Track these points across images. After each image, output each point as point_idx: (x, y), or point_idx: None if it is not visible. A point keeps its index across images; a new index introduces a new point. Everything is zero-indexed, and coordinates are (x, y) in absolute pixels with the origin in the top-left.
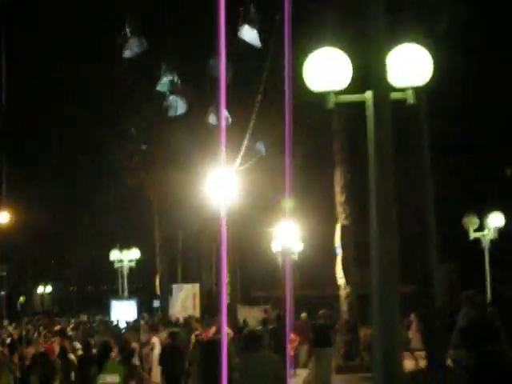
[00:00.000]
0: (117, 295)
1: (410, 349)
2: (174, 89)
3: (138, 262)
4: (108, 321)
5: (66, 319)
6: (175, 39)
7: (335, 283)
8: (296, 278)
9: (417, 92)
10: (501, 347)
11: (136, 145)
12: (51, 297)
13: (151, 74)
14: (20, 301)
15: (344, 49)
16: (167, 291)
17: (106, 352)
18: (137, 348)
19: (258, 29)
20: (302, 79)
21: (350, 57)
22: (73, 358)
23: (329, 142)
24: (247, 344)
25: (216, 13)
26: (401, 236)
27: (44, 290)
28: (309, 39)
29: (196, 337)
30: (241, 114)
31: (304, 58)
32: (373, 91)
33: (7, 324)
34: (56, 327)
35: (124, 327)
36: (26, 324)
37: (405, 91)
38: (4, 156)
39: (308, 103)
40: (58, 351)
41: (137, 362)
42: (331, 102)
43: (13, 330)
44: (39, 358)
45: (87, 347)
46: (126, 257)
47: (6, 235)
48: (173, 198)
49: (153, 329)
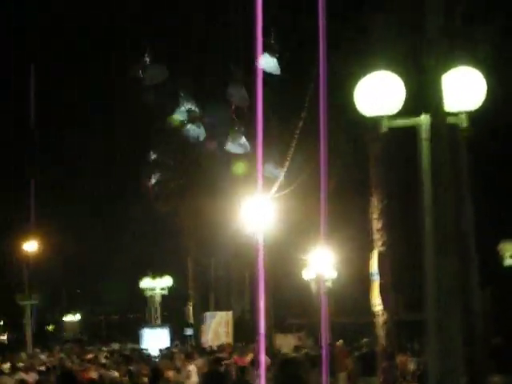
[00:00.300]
0: (148, 323)
1: None
2: (192, 117)
3: (170, 290)
4: (141, 349)
5: (98, 347)
6: (193, 66)
7: (370, 310)
8: (330, 305)
9: (470, 116)
10: None
11: (169, 172)
12: (80, 325)
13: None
14: (49, 329)
15: (395, 72)
16: (199, 319)
17: (157, 378)
18: (172, 376)
19: (278, 57)
20: (339, 104)
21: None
22: None
23: (363, 168)
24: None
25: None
26: None
27: (73, 318)
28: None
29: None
30: (275, 141)
31: (353, 83)
32: (430, 115)
33: (39, 352)
34: (89, 355)
35: (157, 355)
36: (58, 352)
37: (458, 115)
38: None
39: (342, 129)
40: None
41: None
42: (384, 127)
43: (45, 358)
44: None
45: (130, 374)
46: (158, 284)
47: (36, 263)
48: (206, 226)
49: (188, 357)
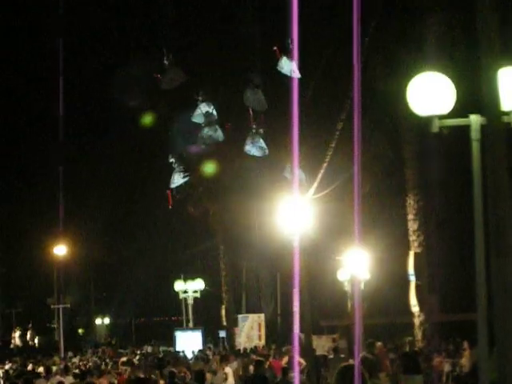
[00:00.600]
0: (181, 326)
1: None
2: (210, 120)
3: (203, 292)
4: (175, 351)
5: (131, 350)
6: (212, 70)
7: (405, 311)
8: (364, 307)
9: None
10: None
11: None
12: (109, 328)
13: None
14: (79, 332)
15: (446, 73)
16: (232, 321)
17: (201, 381)
18: (208, 378)
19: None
20: (375, 106)
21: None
22: None
23: (397, 170)
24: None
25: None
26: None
27: (102, 322)
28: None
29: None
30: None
31: (402, 83)
32: (485, 115)
33: (71, 356)
34: (123, 358)
35: (191, 358)
36: (91, 356)
37: (510, 115)
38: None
39: (375, 131)
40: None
41: None
42: (436, 127)
43: (79, 362)
44: None
45: (171, 376)
46: (191, 287)
47: (64, 267)
48: (238, 228)
49: (224, 359)
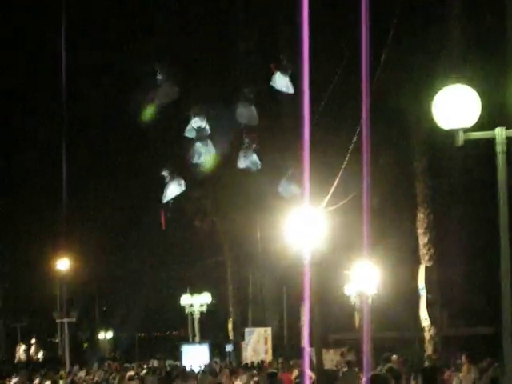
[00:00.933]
0: (185, 340)
1: None
2: (201, 135)
3: (209, 306)
4: (181, 366)
5: (138, 364)
6: (205, 85)
7: (414, 325)
8: (372, 321)
9: None
10: None
11: (205, 189)
12: (113, 342)
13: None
14: (84, 346)
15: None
16: (239, 335)
17: None
18: None
19: (290, 75)
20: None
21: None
22: None
23: (406, 182)
24: None
25: None
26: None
27: (105, 336)
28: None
29: None
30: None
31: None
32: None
33: (77, 370)
34: (129, 372)
35: (198, 372)
36: (97, 370)
37: None
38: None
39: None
40: None
41: None
42: (460, 140)
43: (85, 376)
44: None
45: None
46: (197, 301)
47: (69, 281)
48: (244, 242)
49: (233, 373)
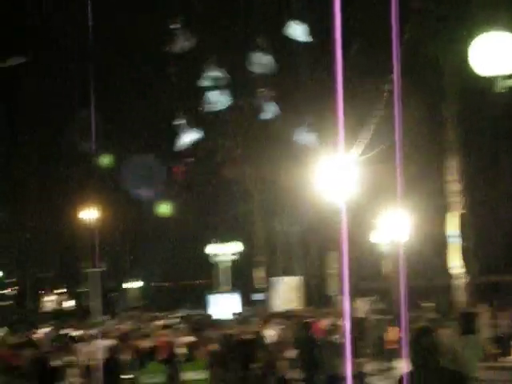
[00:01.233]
0: (212, 289)
1: None
2: (218, 84)
3: (237, 256)
4: (211, 315)
5: (166, 314)
6: (221, 34)
7: (443, 272)
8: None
9: None
10: None
11: (234, 138)
12: (141, 292)
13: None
14: (113, 296)
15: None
16: (269, 284)
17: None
18: None
19: (307, 23)
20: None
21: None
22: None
23: (436, 131)
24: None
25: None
26: None
27: (133, 285)
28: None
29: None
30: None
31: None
32: None
33: (106, 319)
34: (158, 322)
35: (229, 321)
36: (127, 319)
37: None
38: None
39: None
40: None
41: None
42: (500, 86)
43: (116, 325)
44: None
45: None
46: (226, 250)
47: (97, 231)
48: (272, 190)
49: (264, 321)
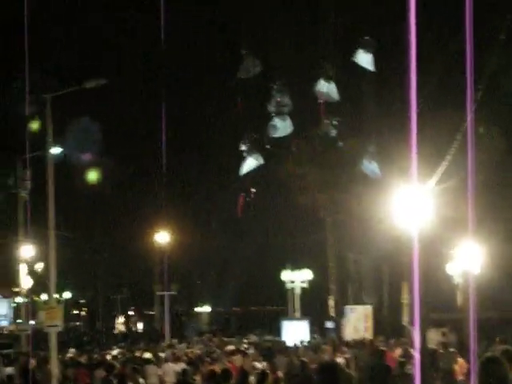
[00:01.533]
0: (283, 316)
1: None
2: (280, 110)
3: (310, 283)
4: (281, 341)
5: (238, 339)
6: (287, 61)
7: None
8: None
9: None
10: None
11: (306, 165)
12: (210, 316)
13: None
14: (182, 320)
15: None
16: (340, 312)
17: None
18: None
19: (373, 53)
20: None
21: None
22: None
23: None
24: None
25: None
26: None
27: (203, 310)
28: None
29: None
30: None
31: None
32: None
33: (177, 343)
34: (230, 347)
35: (299, 347)
36: (197, 343)
37: None
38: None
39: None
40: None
41: None
42: None
43: (185, 349)
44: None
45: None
46: (298, 277)
47: (169, 254)
48: (345, 219)
49: (336, 349)
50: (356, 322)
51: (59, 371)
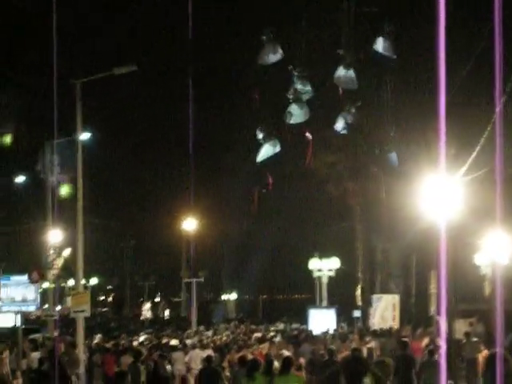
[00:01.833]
0: (310, 304)
1: None
2: (298, 97)
3: (337, 272)
4: (308, 330)
5: (265, 327)
6: (306, 49)
7: None
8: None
9: None
10: None
11: (338, 154)
12: (237, 304)
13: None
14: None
15: None
16: (367, 301)
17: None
18: None
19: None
20: None
21: None
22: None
23: None
24: None
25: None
26: None
27: (229, 297)
28: None
29: None
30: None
31: None
32: None
33: (203, 329)
34: (256, 334)
35: (325, 336)
36: (224, 330)
37: None
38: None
39: None
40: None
41: None
42: None
43: (212, 336)
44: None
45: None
46: (326, 266)
47: (197, 241)
48: (373, 208)
49: (362, 338)
50: (383, 311)
51: (86, 357)
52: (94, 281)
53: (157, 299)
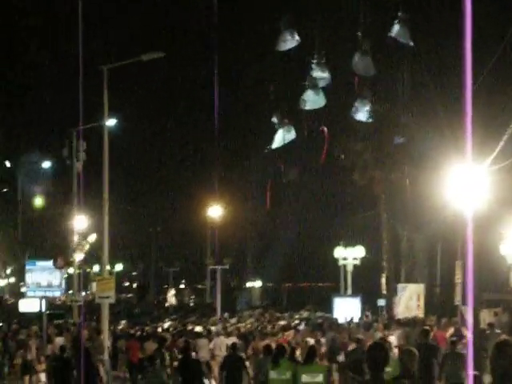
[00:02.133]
0: (335, 292)
1: None
2: (315, 83)
3: (362, 260)
4: (333, 318)
5: (289, 315)
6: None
7: None
8: None
9: None
10: None
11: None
12: (262, 291)
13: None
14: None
15: None
16: (392, 290)
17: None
18: None
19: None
20: None
21: None
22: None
23: None
24: None
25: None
26: None
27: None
28: None
29: None
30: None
31: None
32: None
33: (228, 317)
34: (281, 322)
35: (350, 324)
36: (248, 318)
37: None
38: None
39: None
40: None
41: None
42: None
43: (237, 323)
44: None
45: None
46: (351, 254)
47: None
48: (399, 197)
49: (387, 327)
50: (408, 301)
51: (110, 342)
52: (119, 267)
53: (181, 286)
